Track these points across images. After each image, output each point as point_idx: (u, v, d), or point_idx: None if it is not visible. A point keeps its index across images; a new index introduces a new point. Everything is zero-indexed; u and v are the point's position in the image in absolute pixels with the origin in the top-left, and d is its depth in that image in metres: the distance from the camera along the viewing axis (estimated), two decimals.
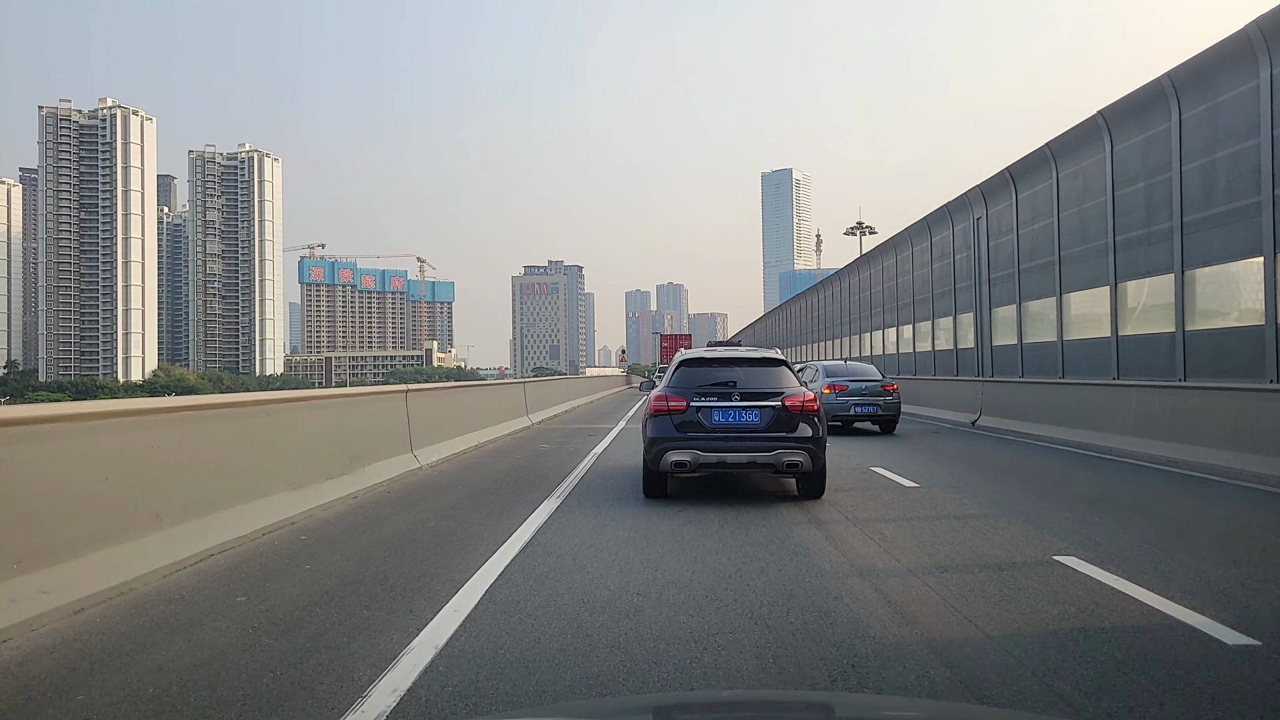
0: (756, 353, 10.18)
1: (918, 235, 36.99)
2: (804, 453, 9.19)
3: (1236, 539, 7.51)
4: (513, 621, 4.91)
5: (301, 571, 6.13)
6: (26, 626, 4.65)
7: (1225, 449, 11.86)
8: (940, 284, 34.25)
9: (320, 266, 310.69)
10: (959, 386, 24.01)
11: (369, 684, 3.93)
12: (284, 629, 4.79)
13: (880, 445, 16.33)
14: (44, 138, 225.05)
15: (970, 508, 9.07)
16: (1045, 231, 24.75)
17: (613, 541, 7.25)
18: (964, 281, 31.62)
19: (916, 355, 37.39)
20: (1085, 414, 16.32)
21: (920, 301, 36.84)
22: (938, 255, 34.61)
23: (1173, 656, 4.33)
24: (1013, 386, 20.95)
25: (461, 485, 10.73)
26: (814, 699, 3.15)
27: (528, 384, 21.77)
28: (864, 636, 4.64)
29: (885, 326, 42.49)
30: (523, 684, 3.94)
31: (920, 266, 36.43)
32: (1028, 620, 4.97)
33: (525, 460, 13.24)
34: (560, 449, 14.73)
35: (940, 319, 34.55)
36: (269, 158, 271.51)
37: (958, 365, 32.00)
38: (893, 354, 41.11)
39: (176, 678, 4.05)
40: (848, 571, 6.16)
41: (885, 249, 42.40)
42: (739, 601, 5.31)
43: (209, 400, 7.14)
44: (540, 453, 14.18)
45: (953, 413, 22.92)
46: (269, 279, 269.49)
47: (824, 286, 60.28)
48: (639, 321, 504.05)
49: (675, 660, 4.26)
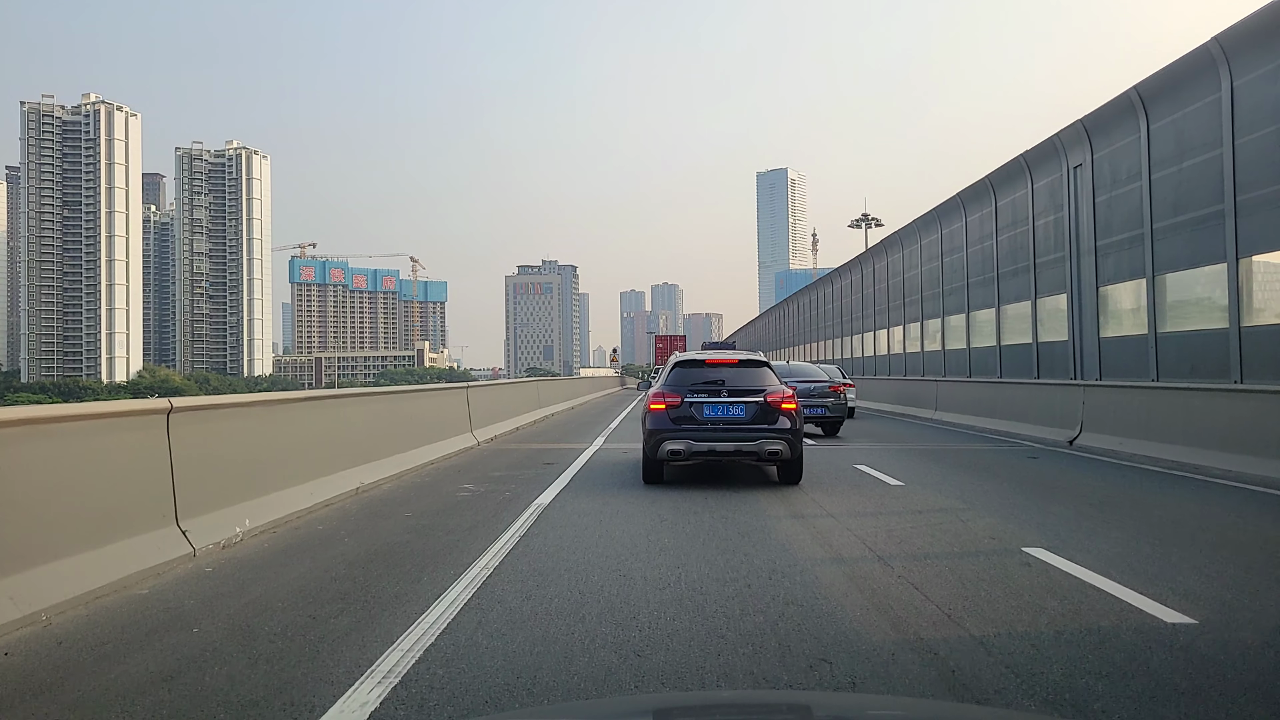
0: (742, 355, 11.44)
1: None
2: (783, 442, 10.47)
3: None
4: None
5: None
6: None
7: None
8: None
9: (311, 266, 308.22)
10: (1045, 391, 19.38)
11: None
12: None
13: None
14: (26, 134, 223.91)
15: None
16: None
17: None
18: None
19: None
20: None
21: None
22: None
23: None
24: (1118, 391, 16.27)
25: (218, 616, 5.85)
26: (814, 699, 3.16)
27: (474, 389, 16.87)
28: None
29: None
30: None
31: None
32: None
33: (406, 530, 7.99)
34: (486, 497, 9.84)
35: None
36: (257, 155, 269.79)
37: (1025, 360, 28.10)
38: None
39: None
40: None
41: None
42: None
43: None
44: (450, 505, 9.31)
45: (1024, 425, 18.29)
46: (257, 278, 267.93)
47: (821, 285, 59.53)
48: (634, 322, 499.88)
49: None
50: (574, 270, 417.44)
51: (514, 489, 10.38)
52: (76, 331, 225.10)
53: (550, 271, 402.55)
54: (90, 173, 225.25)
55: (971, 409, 21.61)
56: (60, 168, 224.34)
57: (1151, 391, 14.90)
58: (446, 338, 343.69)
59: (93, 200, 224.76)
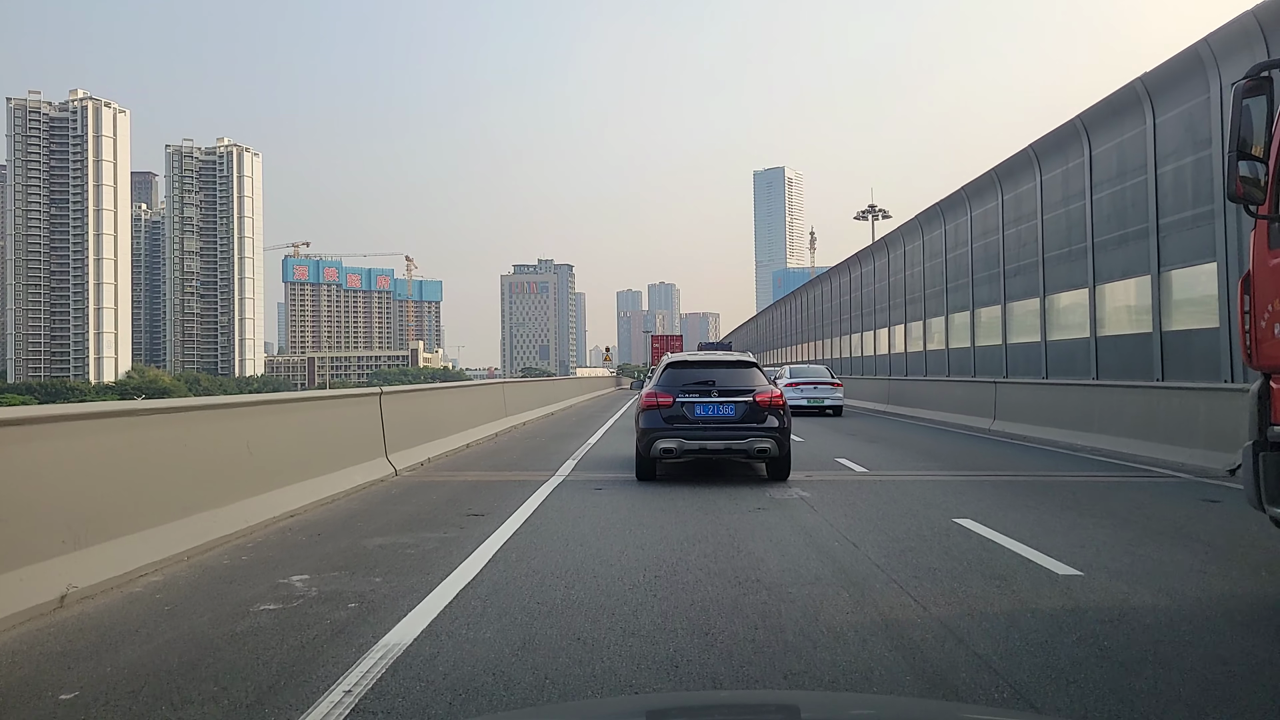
0: (732, 356, 12.13)
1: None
2: (771, 440, 10.76)
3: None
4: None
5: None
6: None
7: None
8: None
9: (304, 265, 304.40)
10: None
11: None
12: None
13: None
14: (12, 131, 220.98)
15: None
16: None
17: None
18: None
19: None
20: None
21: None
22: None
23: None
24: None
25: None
26: (802, 699, 3.09)
27: (390, 396, 12.06)
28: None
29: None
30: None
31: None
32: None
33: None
34: (300, 621, 5.05)
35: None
36: (249, 152, 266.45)
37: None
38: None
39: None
40: None
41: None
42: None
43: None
44: (206, 650, 4.68)
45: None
46: (249, 277, 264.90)
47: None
48: (630, 321, 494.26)
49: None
50: (570, 269, 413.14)
51: (373, 588, 5.64)
52: (64, 331, 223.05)
53: (546, 271, 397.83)
54: (78, 170, 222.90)
55: (1047, 418, 16.98)
56: (47, 165, 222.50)
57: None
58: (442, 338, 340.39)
59: (80, 198, 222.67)
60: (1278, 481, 5.02)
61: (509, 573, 6.11)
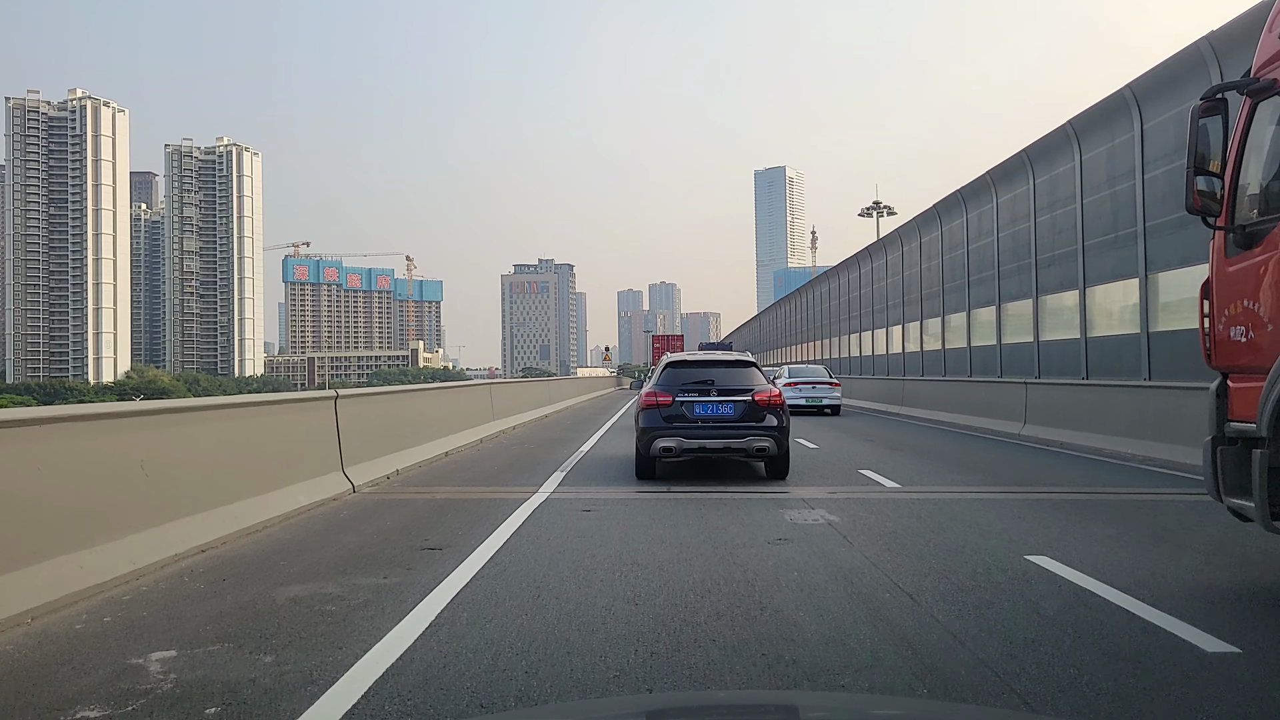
0: (731, 356, 12.12)
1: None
2: (770, 439, 10.74)
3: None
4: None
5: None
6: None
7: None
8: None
9: (304, 265, 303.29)
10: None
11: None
12: None
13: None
14: (11, 130, 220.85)
15: None
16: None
17: None
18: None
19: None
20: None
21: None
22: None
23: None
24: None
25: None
26: (803, 700, 2.99)
27: (347, 400, 10.40)
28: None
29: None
30: None
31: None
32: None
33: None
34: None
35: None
36: (248, 152, 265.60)
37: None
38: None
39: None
40: None
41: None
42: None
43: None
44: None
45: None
46: (249, 277, 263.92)
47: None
48: (631, 321, 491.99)
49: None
50: (571, 269, 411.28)
51: (255, 677, 4.00)
52: (63, 331, 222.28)
53: (547, 270, 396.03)
54: (77, 169, 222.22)
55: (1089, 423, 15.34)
56: (46, 165, 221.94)
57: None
58: (442, 337, 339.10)
59: (79, 197, 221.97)
60: (1235, 474, 5.25)
61: (453, 647, 4.45)
